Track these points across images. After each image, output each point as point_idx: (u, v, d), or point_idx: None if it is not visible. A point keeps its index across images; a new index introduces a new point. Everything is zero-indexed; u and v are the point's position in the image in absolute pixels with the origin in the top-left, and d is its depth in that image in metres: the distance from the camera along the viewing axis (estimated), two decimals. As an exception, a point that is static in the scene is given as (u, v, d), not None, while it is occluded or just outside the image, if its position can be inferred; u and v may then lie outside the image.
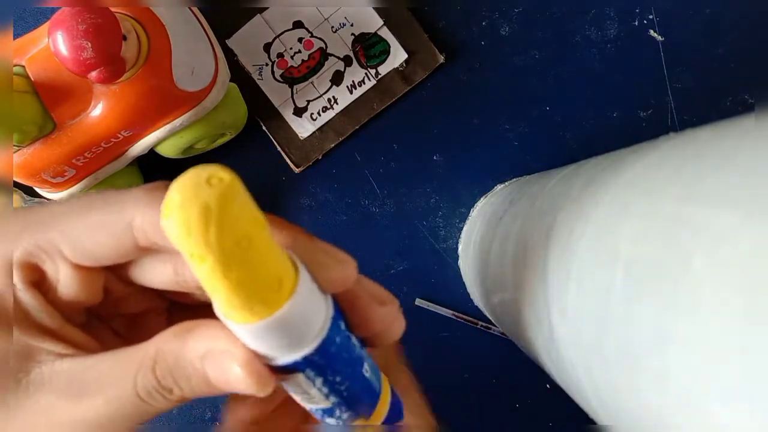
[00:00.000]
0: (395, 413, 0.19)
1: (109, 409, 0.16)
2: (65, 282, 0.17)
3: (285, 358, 0.14)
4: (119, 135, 0.33)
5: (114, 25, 0.29)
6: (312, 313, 0.14)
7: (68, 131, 0.32)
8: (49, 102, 0.32)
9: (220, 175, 0.11)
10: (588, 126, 0.41)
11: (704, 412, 0.14)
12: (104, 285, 0.18)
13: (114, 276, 0.18)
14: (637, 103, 0.41)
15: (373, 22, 0.40)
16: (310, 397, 0.16)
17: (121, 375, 0.16)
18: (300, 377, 0.15)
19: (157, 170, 0.41)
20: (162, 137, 0.35)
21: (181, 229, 0.11)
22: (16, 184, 0.36)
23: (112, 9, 0.30)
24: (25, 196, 0.40)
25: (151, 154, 0.37)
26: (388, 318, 0.17)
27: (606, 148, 0.27)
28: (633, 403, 0.17)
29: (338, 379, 0.16)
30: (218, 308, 0.13)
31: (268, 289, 0.13)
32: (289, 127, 0.41)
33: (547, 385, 0.42)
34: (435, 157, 0.42)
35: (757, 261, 0.13)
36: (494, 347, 0.42)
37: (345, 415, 0.17)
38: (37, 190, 0.37)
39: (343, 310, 0.17)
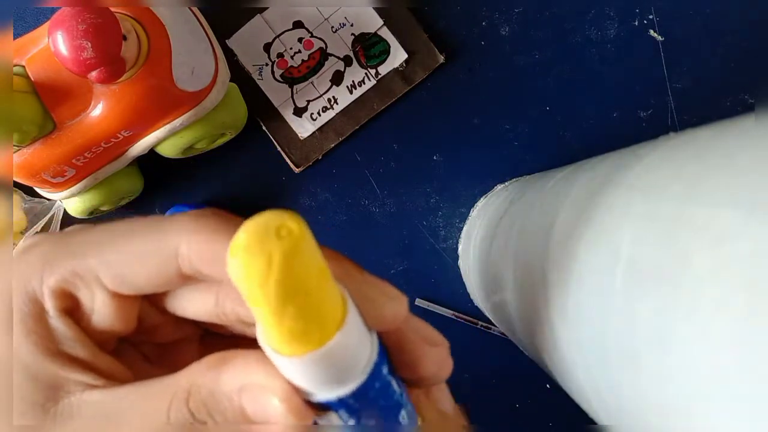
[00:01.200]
0: None
1: None
2: (100, 311, 0.16)
3: (321, 395, 0.14)
4: (119, 135, 0.33)
5: (114, 25, 0.29)
6: (355, 352, 0.14)
7: (68, 131, 0.32)
8: (49, 102, 0.32)
9: (289, 226, 0.11)
10: (588, 126, 0.41)
11: (704, 412, 0.14)
12: (139, 314, 0.17)
13: (149, 304, 0.18)
14: (637, 103, 0.41)
15: (373, 22, 0.40)
16: None
17: (153, 407, 0.15)
18: (333, 416, 0.15)
19: (158, 170, 0.41)
20: (162, 137, 0.35)
21: (242, 273, 0.11)
22: (16, 184, 0.36)
23: (112, 9, 0.30)
24: (25, 196, 0.40)
25: (151, 154, 0.37)
26: (437, 360, 0.16)
27: (606, 148, 0.27)
28: (633, 402, 0.17)
29: (372, 422, 0.15)
30: (263, 341, 0.13)
31: (317, 328, 0.13)
32: (289, 127, 0.41)
33: (547, 385, 0.42)
34: (435, 157, 0.42)
35: (757, 261, 0.13)
36: (494, 347, 0.42)
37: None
38: (37, 190, 0.37)
39: (390, 349, 0.16)
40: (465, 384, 0.42)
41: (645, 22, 0.40)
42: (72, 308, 0.16)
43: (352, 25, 0.40)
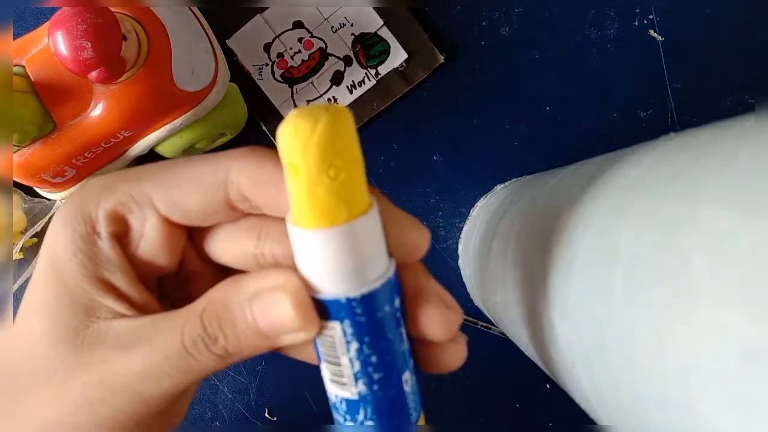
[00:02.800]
0: None
1: (154, 360, 0.15)
2: (149, 236, 0.17)
3: (332, 289, 0.14)
4: (119, 135, 0.33)
5: (114, 25, 0.29)
6: (373, 252, 0.14)
7: (68, 131, 0.32)
8: (49, 102, 0.32)
9: (336, 106, 0.13)
10: (588, 126, 0.41)
11: (704, 412, 0.14)
12: (181, 254, 0.18)
13: (190, 248, 0.18)
14: (637, 103, 0.41)
15: (373, 22, 0.40)
16: (340, 371, 0.15)
17: (171, 326, 0.16)
18: (337, 329, 0.15)
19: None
20: (162, 137, 0.35)
21: (290, 131, 0.13)
22: (16, 184, 0.36)
23: (112, 9, 0.30)
24: (25, 196, 0.40)
25: (152, 154, 0.37)
26: (448, 323, 0.16)
27: (606, 148, 0.27)
28: (633, 402, 0.17)
29: (374, 360, 0.15)
30: (290, 218, 0.14)
31: (344, 206, 0.13)
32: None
33: (547, 385, 0.42)
34: (435, 157, 0.42)
35: (757, 261, 0.13)
36: (494, 347, 0.42)
37: (368, 423, 0.16)
38: (38, 190, 0.37)
39: (405, 297, 0.16)
40: (465, 384, 0.42)
41: (645, 22, 0.40)
42: (122, 234, 0.17)
43: (352, 25, 0.40)
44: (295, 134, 0.13)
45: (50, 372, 0.16)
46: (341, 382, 0.15)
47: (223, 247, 0.18)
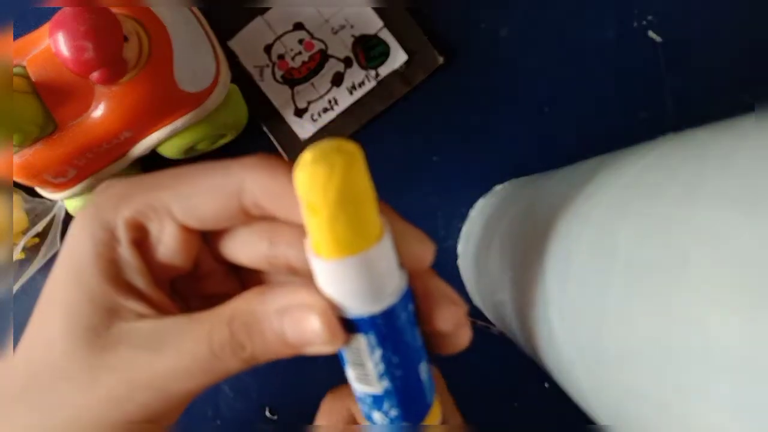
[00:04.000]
0: None
1: (181, 363, 0.16)
2: (167, 242, 0.18)
3: (355, 309, 0.16)
4: (120, 136, 0.33)
5: (115, 26, 0.29)
6: (388, 270, 0.16)
7: (69, 132, 0.32)
8: (50, 103, 0.32)
9: (348, 146, 0.14)
10: (588, 126, 0.41)
11: (703, 411, 0.14)
12: (197, 256, 0.19)
13: (206, 250, 0.19)
14: (637, 104, 0.41)
15: (373, 24, 0.40)
16: (365, 372, 0.17)
17: (198, 330, 0.17)
18: (362, 341, 0.16)
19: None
20: (163, 138, 0.35)
21: (308, 179, 0.14)
22: (18, 185, 0.36)
23: (113, 10, 0.30)
24: (26, 196, 0.40)
25: (153, 155, 0.37)
26: (456, 318, 0.18)
27: (606, 148, 0.27)
28: (632, 402, 0.17)
29: (395, 360, 0.16)
30: (311, 249, 0.15)
31: (361, 237, 0.15)
32: (290, 128, 0.41)
33: (546, 384, 0.42)
34: (435, 158, 0.42)
35: (755, 261, 0.13)
36: (494, 347, 0.42)
37: (392, 412, 0.17)
38: (39, 190, 0.37)
39: (415, 298, 0.17)
40: (465, 383, 0.42)
41: (644, 23, 0.40)
42: (141, 240, 0.18)
43: (352, 27, 0.40)
44: (312, 181, 0.14)
45: (74, 370, 0.17)
46: (367, 381, 0.17)
47: (236, 249, 0.19)
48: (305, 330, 0.16)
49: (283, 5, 0.40)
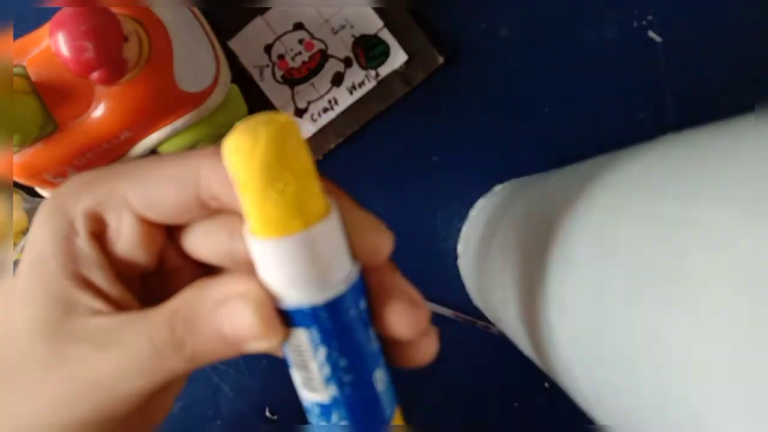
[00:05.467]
0: None
1: (126, 361, 0.16)
2: (126, 234, 0.17)
3: (296, 297, 0.14)
4: (121, 136, 0.33)
5: (115, 26, 0.29)
6: (334, 258, 0.14)
7: (69, 132, 0.32)
8: (50, 103, 0.32)
9: (277, 118, 0.13)
10: (588, 126, 0.41)
11: (703, 411, 0.14)
12: (160, 252, 0.18)
13: (170, 245, 0.18)
14: (637, 104, 0.41)
15: (374, 24, 0.40)
16: (309, 376, 0.15)
17: (142, 326, 0.16)
18: (303, 336, 0.15)
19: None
20: (163, 138, 0.35)
21: (231, 149, 0.13)
22: (18, 185, 0.36)
23: (114, 10, 0.30)
24: (26, 195, 0.40)
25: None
26: (414, 321, 0.16)
27: (606, 148, 0.27)
28: (631, 402, 0.17)
29: (343, 363, 0.15)
30: (246, 229, 0.14)
31: (299, 214, 0.13)
32: (290, 127, 0.41)
33: (546, 384, 0.42)
34: (435, 158, 0.42)
35: (755, 261, 0.13)
36: (494, 347, 0.42)
37: (341, 425, 0.16)
38: (39, 190, 0.37)
39: (370, 295, 0.16)
40: (465, 383, 0.42)
41: (644, 23, 0.40)
42: (100, 232, 0.17)
43: (352, 27, 0.40)
44: (236, 151, 0.13)
45: (29, 366, 0.16)
46: (312, 387, 0.16)
47: (198, 244, 0.18)
48: (239, 323, 0.15)
49: (283, 5, 0.40)
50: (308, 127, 0.41)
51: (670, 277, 0.15)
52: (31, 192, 0.40)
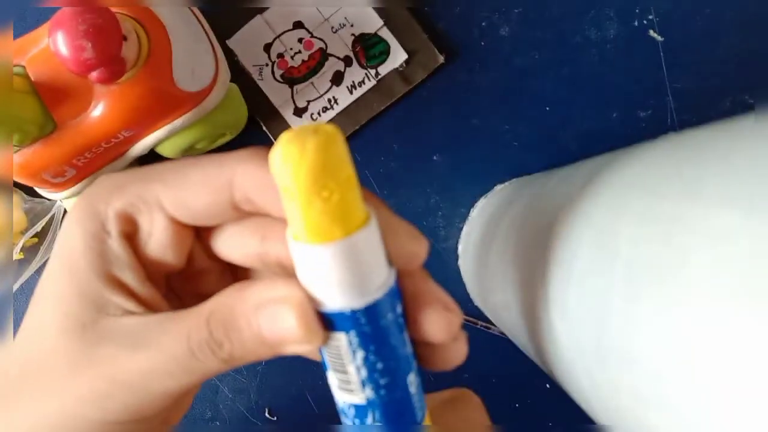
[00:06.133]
0: None
1: (160, 361, 0.16)
2: (157, 236, 0.17)
3: (336, 302, 0.15)
4: (120, 135, 0.33)
5: (114, 26, 0.29)
6: (373, 262, 0.15)
7: (69, 131, 0.32)
8: (50, 102, 0.32)
9: (324, 128, 0.13)
10: (588, 126, 0.41)
11: (703, 412, 0.14)
12: (189, 253, 0.18)
13: (199, 247, 0.19)
14: (637, 104, 0.41)
15: (373, 23, 0.40)
16: (347, 378, 0.16)
17: (178, 327, 0.16)
18: (342, 340, 0.15)
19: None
20: (162, 137, 0.35)
21: (279, 159, 0.13)
22: (17, 184, 0.36)
23: (113, 9, 0.30)
24: (25, 195, 0.40)
25: (152, 155, 0.37)
26: (448, 326, 0.16)
27: (606, 148, 0.27)
28: (632, 402, 0.17)
29: (380, 366, 0.15)
30: (289, 234, 0.15)
31: (341, 222, 0.14)
32: (290, 127, 0.41)
33: (547, 385, 0.42)
34: (435, 157, 0.42)
35: (756, 261, 0.13)
36: (494, 347, 0.42)
37: (377, 426, 0.16)
38: (38, 190, 0.37)
39: (405, 301, 0.16)
40: (465, 384, 0.42)
41: (645, 22, 0.40)
42: (132, 233, 0.17)
43: (352, 26, 0.40)
44: (284, 160, 0.13)
45: (58, 364, 0.16)
46: (349, 389, 0.16)
47: (229, 246, 0.18)
48: (280, 327, 0.15)
49: (283, 4, 0.40)
50: (308, 127, 0.41)
51: (670, 276, 0.15)
52: (30, 192, 0.40)
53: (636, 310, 0.16)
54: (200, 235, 0.18)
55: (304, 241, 0.14)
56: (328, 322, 0.15)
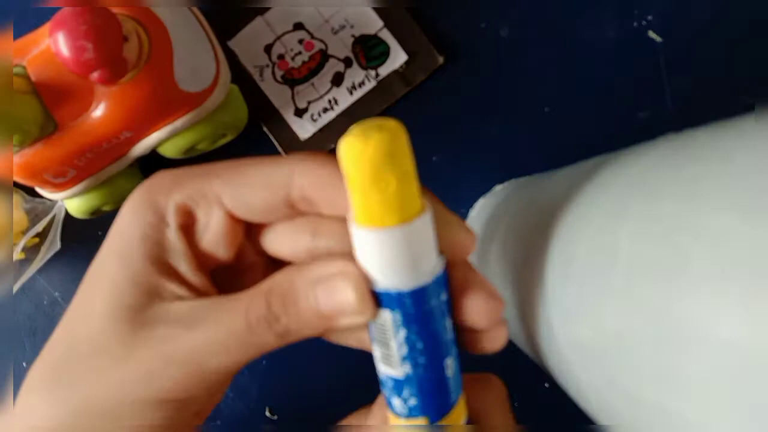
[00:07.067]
0: None
1: (217, 336, 0.17)
2: (214, 229, 0.18)
3: (387, 281, 0.16)
4: (121, 136, 0.33)
5: (115, 26, 0.29)
6: (424, 251, 0.16)
7: (70, 132, 0.32)
8: (51, 103, 0.32)
9: (389, 124, 0.15)
10: (588, 126, 0.41)
11: (703, 412, 0.14)
12: (239, 247, 0.19)
13: (248, 243, 0.19)
14: (637, 104, 0.41)
15: (374, 24, 0.40)
16: (389, 353, 0.17)
17: (236, 305, 0.17)
18: (387, 317, 0.16)
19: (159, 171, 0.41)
20: (163, 138, 0.35)
21: (345, 152, 0.15)
22: (17, 185, 0.36)
23: (114, 10, 0.30)
24: (26, 196, 0.41)
25: (153, 155, 0.37)
26: (491, 312, 0.17)
27: (606, 148, 0.27)
28: (632, 402, 0.17)
29: (419, 346, 0.17)
30: (350, 218, 0.16)
31: (399, 209, 0.15)
32: (290, 128, 0.41)
33: (546, 384, 0.42)
34: (435, 158, 0.42)
35: (755, 261, 0.13)
36: (494, 347, 0.42)
37: (411, 401, 0.17)
38: (39, 190, 0.37)
39: (451, 289, 0.17)
40: (465, 384, 0.42)
41: (644, 23, 0.40)
42: (189, 225, 0.18)
43: (352, 27, 0.40)
44: (349, 152, 0.15)
45: (111, 345, 0.17)
46: (390, 362, 0.17)
47: (279, 242, 0.19)
48: (338, 299, 0.16)
49: (283, 5, 0.40)
50: (308, 127, 0.41)
51: (670, 277, 0.15)
52: (31, 192, 0.40)
53: (635, 310, 0.16)
54: (250, 231, 0.19)
55: (361, 225, 0.15)
56: (378, 299, 0.16)
